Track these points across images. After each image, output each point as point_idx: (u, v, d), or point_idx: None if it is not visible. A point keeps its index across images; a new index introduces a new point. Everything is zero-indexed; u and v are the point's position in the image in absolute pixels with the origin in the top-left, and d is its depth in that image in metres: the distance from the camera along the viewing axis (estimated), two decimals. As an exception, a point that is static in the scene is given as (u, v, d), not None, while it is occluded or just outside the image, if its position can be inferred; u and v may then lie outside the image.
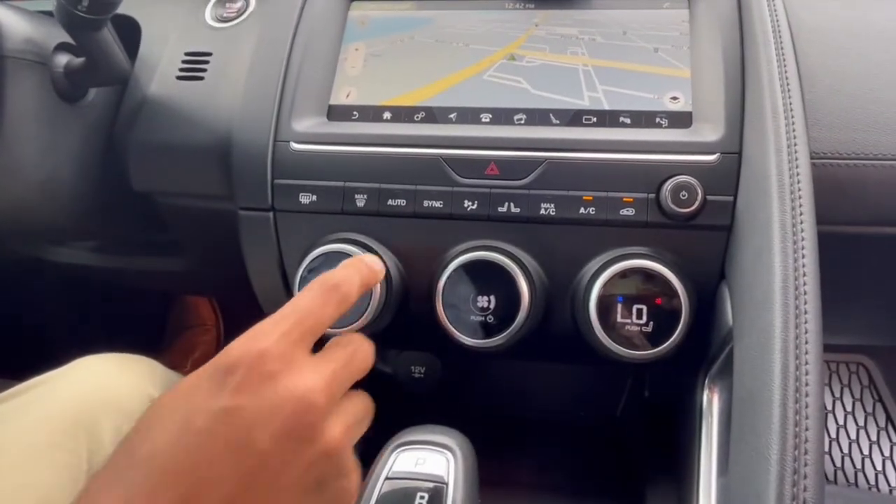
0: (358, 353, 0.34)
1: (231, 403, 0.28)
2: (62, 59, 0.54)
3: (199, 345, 1.05)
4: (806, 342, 0.33)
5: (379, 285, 0.47)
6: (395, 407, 0.38)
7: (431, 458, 0.30)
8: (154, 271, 0.72)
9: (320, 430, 0.30)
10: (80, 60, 0.53)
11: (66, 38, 0.53)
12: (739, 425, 0.35)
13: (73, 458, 0.40)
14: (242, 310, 0.58)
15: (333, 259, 0.47)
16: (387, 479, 0.29)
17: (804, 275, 0.35)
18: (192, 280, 0.79)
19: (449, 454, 0.30)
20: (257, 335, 0.31)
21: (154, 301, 1.06)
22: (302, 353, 0.31)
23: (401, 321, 0.49)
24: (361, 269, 0.37)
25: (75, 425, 0.41)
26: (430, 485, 0.29)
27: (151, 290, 1.01)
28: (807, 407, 0.31)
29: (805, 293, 0.34)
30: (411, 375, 0.59)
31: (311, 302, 0.33)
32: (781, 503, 0.29)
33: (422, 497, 0.28)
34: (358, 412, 0.33)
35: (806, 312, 0.33)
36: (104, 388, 0.45)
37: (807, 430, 0.30)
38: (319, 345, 0.34)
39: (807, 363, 0.32)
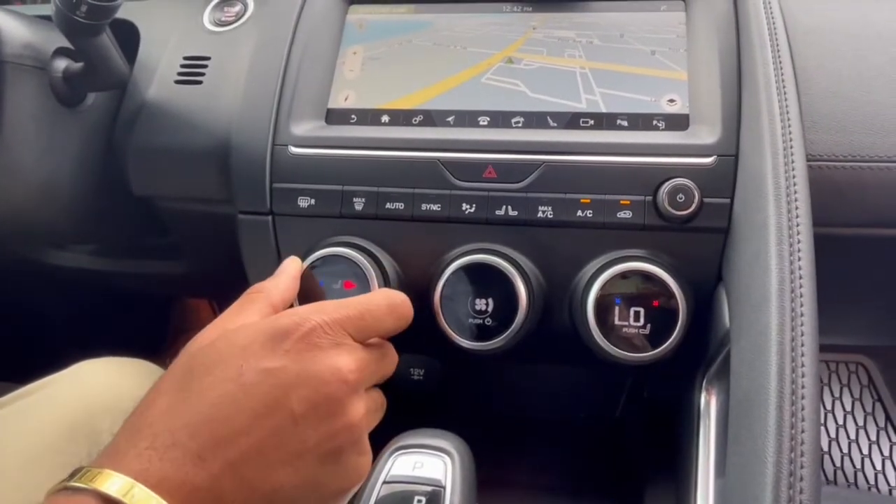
0: (388, 355, 0.38)
1: (278, 364, 0.31)
2: (61, 64, 0.54)
3: (199, 347, 1.05)
4: (802, 344, 0.33)
5: (377, 288, 0.47)
6: (394, 409, 0.38)
7: (429, 461, 0.30)
8: (154, 274, 0.72)
9: (346, 406, 0.32)
10: (78, 65, 0.54)
11: (65, 43, 0.53)
12: (736, 427, 0.35)
13: (73, 461, 0.39)
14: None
15: (332, 262, 0.48)
16: (384, 482, 0.29)
17: (800, 277, 0.35)
18: (193, 283, 0.79)
19: (446, 458, 0.30)
20: (321, 309, 0.34)
21: (155, 304, 1.06)
22: (349, 339, 0.34)
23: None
24: (411, 308, 0.40)
25: (75, 429, 0.41)
26: (428, 488, 0.29)
27: (152, 293, 1.01)
28: (803, 409, 0.31)
29: (801, 295, 0.34)
30: (411, 378, 0.59)
31: (377, 307, 0.36)
32: (778, 505, 0.29)
33: (419, 500, 0.28)
34: (377, 402, 0.36)
35: (802, 315, 0.34)
36: (104, 391, 0.45)
37: (803, 431, 0.30)
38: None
39: (803, 365, 0.32)
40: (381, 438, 0.37)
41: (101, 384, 0.46)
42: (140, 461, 0.27)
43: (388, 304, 0.37)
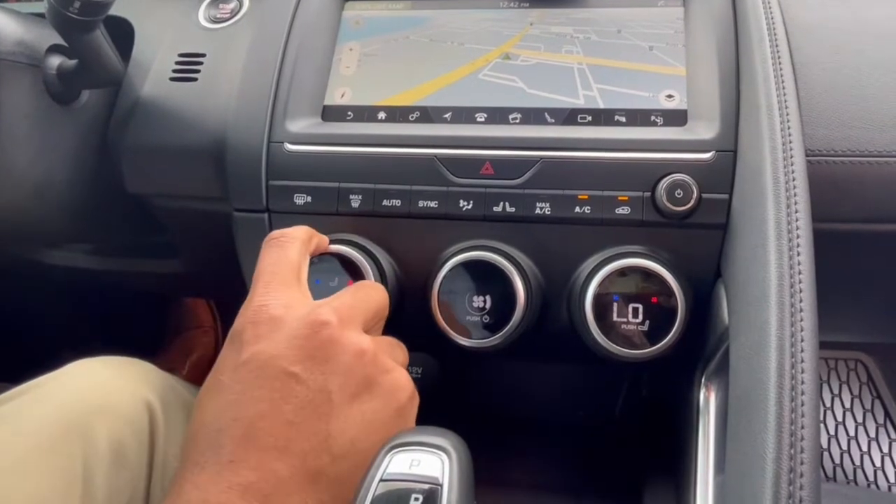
0: (364, 287, 0.38)
1: (249, 354, 0.31)
2: (55, 61, 0.54)
3: (197, 347, 1.05)
4: (801, 340, 0.33)
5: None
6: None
7: (426, 459, 0.29)
8: (151, 273, 0.72)
9: (341, 340, 0.32)
10: (72, 62, 0.53)
11: (59, 40, 0.53)
12: (735, 424, 0.35)
13: (68, 462, 0.39)
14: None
15: (328, 260, 0.47)
16: (381, 480, 0.29)
17: (799, 273, 0.35)
18: (190, 282, 0.79)
19: (444, 455, 0.30)
20: (247, 302, 0.34)
21: (152, 303, 1.06)
22: (295, 293, 0.34)
23: (397, 322, 0.49)
24: (301, 227, 0.41)
25: (69, 429, 0.40)
26: (425, 486, 0.28)
27: (149, 293, 1.01)
28: (802, 405, 0.31)
29: (800, 291, 0.34)
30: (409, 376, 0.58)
31: (269, 253, 0.37)
32: (778, 502, 0.29)
33: (416, 499, 0.28)
34: (387, 340, 0.36)
35: (801, 310, 0.33)
36: (99, 391, 0.44)
37: (802, 428, 0.30)
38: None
39: (802, 361, 0.32)
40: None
41: (95, 384, 0.46)
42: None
43: (269, 245, 0.37)
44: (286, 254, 0.37)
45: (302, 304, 0.34)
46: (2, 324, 0.84)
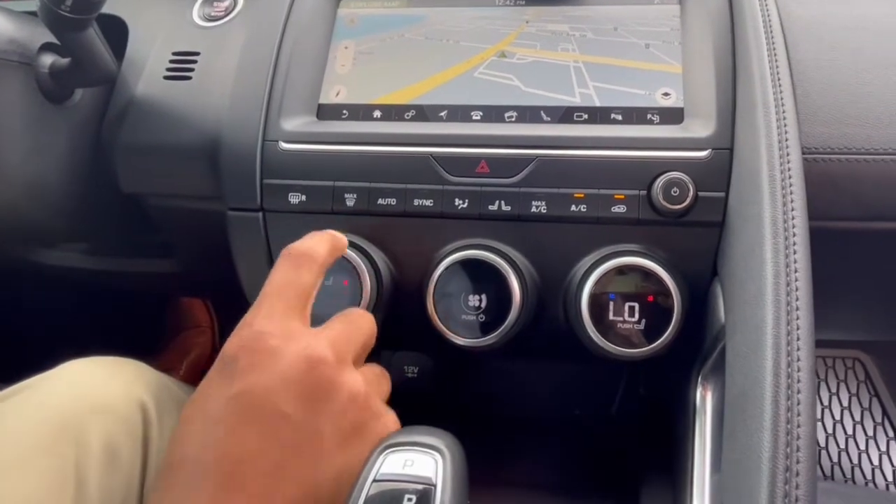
0: (356, 319, 0.36)
1: (242, 386, 0.29)
2: (47, 60, 0.53)
3: (194, 346, 1.05)
4: (798, 338, 0.32)
5: (370, 284, 0.46)
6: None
7: (420, 459, 0.29)
8: (146, 273, 0.71)
9: (337, 380, 0.30)
10: (65, 61, 0.53)
11: (52, 38, 0.52)
12: (732, 423, 0.35)
13: (60, 463, 0.39)
14: (238, 311, 0.58)
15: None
16: (374, 481, 0.29)
17: (795, 271, 0.35)
18: (186, 281, 0.78)
19: (437, 455, 0.29)
20: (246, 322, 0.32)
21: (149, 303, 1.06)
22: (296, 323, 0.32)
23: (393, 321, 0.49)
24: (325, 236, 0.38)
25: (62, 430, 0.40)
26: (419, 487, 0.28)
27: (145, 292, 1.01)
28: (799, 404, 0.30)
29: (797, 289, 0.34)
30: (405, 375, 0.58)
31: (283, 274, 0.34)
32: (774, 501, 0.28)
33: (409, 499, 0.28)
34: (374, 372, 0.34)
35: (797, 309, 0.33)
36: (92, 392, 0.44)
37: (799, 426, 0.30)
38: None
39: (799, 359, 0.32)
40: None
41: (90, 384, 0.45)
42: None
43: (288, 262, 0.35)
44: (299, 277, 0.35)
45: (300, 336, 0.32)
46: (-3, 324, 0.84)
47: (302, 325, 0.33)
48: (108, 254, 0.71)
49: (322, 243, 0.38)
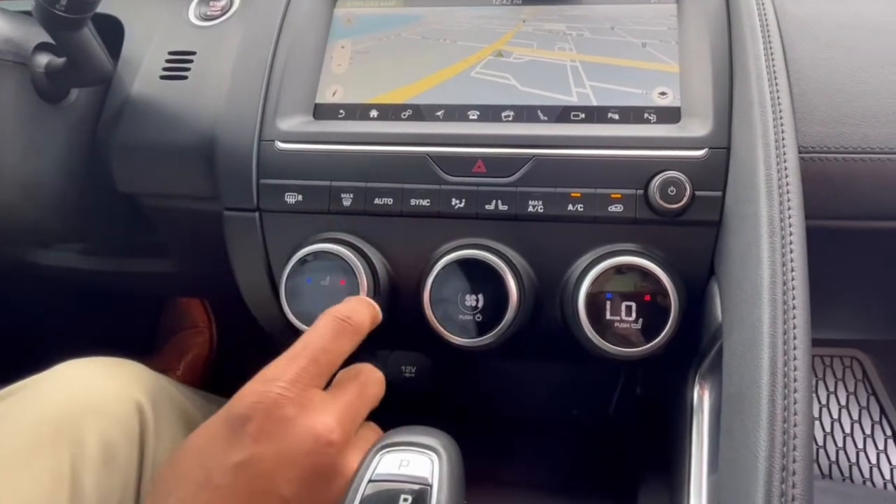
0: (368, 383, 0.35)
1: (249, 454, 0.29)
2: (43, 59, 0.53)
3: (192, 347, 1.04)
4: (794, 337, 0.32)
5: (366, 284, 0.46)
6: (385, 407, 0.38)
7: (416, 459, 0.29)
8: (143, 273, 0.71)
9: (340, 466, 0.30)
10: (61, 60, 0.53)
11: (47, 38, 0.52)
12: (728, 422, 0.35)
13: (56, 463, 0.39)
14: (235, 311, 0.58)
15: (320, 259, 0.47)
16: (370, 481, 0.28)
17: (792, 270, 0.35)
18: (182, 282, 0.78)
19: (434, 455, 0.29)
20: (270, 377, 0.31)
21: (146, 303, 1.05)
22: (316, 393, 0.32)
23: (390, 321, 0.49)
24: (367, 303, 0.38)
25: (58, 430, 0.40)
26: (415, 487, 0.28)
27: (142, 293, 1.00)
28: (795, 403, 0.30)
29: (793, 288, 0.34)
30: (402, 375, 0.58)
31: (322, 339, 0.34)
32: (770, 500, 0.28)
33: (405, 499, 0.28)
34: (370, 440, 0.33)
35: (794, 308, 0.33)
36: (88, 392, 0.44)
37: (795, 426, 0.30)
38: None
39: (795, 359, 0.32)
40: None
41: (85, 385, 0.45)
42: None
43: (332, 328, 0.34)
44: (339, 346, 0.34)
45: (314, 408, 0.31)
46: (-6, 324, 0.84)
47: (319, 394, 0.32)
48: (105, 254, 0.70)
49: (365, 311, 0.37)
